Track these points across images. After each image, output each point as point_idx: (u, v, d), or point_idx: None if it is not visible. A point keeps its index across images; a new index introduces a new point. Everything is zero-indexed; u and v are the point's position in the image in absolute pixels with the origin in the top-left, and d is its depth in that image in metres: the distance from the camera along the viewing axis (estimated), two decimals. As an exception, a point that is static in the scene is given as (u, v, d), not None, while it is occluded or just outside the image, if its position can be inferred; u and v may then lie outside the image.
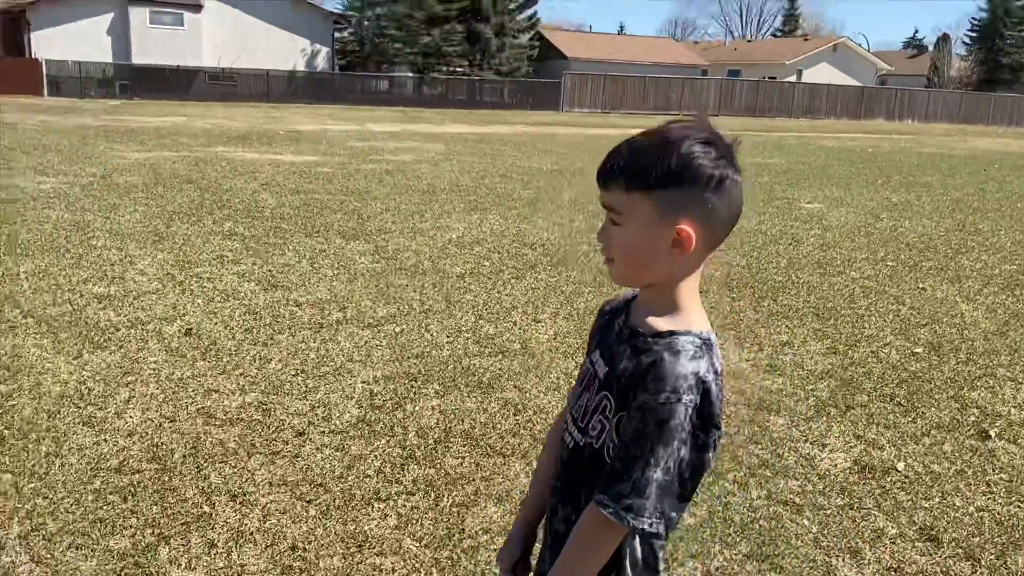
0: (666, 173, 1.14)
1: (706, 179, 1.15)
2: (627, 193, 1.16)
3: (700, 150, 1.15)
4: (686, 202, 1.15)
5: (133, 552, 2.39)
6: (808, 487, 2.92)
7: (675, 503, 1.15)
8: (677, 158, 1.14)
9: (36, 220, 7.37)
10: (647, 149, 1.17)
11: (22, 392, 3.53)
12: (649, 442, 1.12)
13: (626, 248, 1.19)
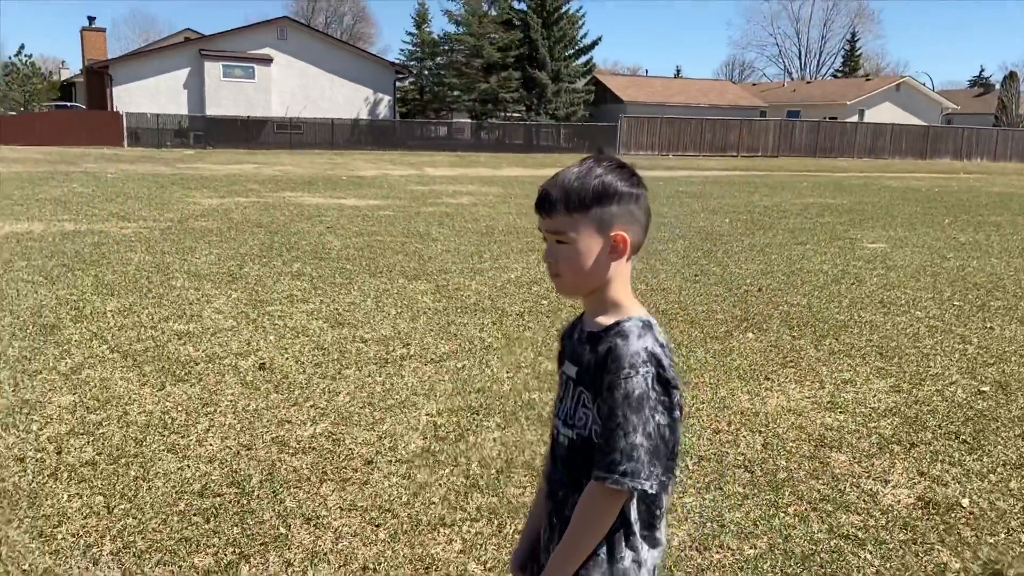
0: (599, 194, 1.38)
1: (627, 195, 1.40)
2: (570, 216, 1.38)
3: (619, 174, 1.41)
4: (616, 215, 1.40)
5: (216, 569, 2.54)
6: (870, 522, 2.92)
7: (664, 464, 1.32)
8: (604, 182, 1.39)
9: (120, 262, 7.79)
10: (578, 178, 1.40)
11: (111, 421, 3.76)
12: (623, 412, 1.30)
13: (574, 260, 1.40)
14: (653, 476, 1.30)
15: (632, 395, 1.30)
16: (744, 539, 2.78)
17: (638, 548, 1.40)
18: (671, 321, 5.99)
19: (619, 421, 1.30)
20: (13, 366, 4.51)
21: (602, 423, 1.34)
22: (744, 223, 12.91)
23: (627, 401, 1.30)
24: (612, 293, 1.42)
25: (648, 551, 1.41)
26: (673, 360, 1.37)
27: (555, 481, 1.50)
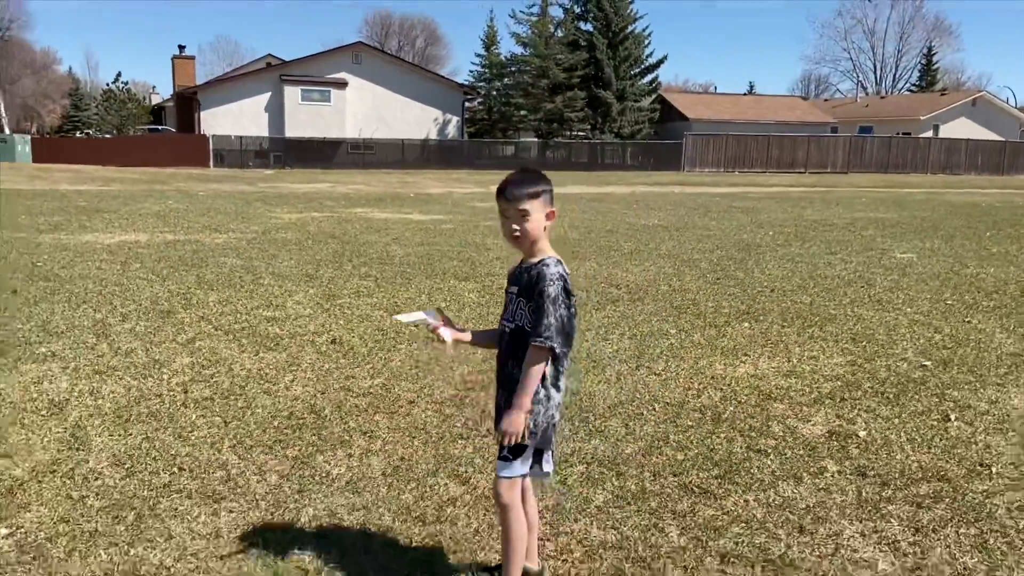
0: (542, 187, 2.40)
1: (550, 189, 2.43)
2: (530, 200, 2.38)
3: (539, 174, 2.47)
4: (549, 199, 2.41)
5: (300, 456, 3.65)
6: (781, 444, 3.85)
7: (564, 339, 2.34)
8: (544, 180, 2.41)
9: (216, 265, 9.14)
10: (532, 178, 2.43)
11: (220, 373, 4.94)
12: (547, 305, 2.31)
13: (533, 226, 2.40)
14: (558, 343, 2.32)
15: (551, 296, 2.31)
16: (680, 450, 3.74)
17: (549, 390, 2.42)
18: (681, 313, 6.93)
19: (545, 310, 2.31)
20: (143, 338, 5.77)
21: (534, 314, 2.35)
22: (785, 235, 13.61)
23: (549, 299, 2.31)
24: (542, 244, 2.43)
25: (556, 393, 2.43)
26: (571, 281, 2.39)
27: (502, 357, 2.53)
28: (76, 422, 4.05)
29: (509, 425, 2.37)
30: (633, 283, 8.48)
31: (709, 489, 3.34)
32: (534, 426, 2.40)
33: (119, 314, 6.51)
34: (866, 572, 2.72)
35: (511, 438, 2.38)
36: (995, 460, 3.70)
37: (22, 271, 8.38)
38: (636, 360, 5.37)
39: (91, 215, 14.66)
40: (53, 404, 4.31)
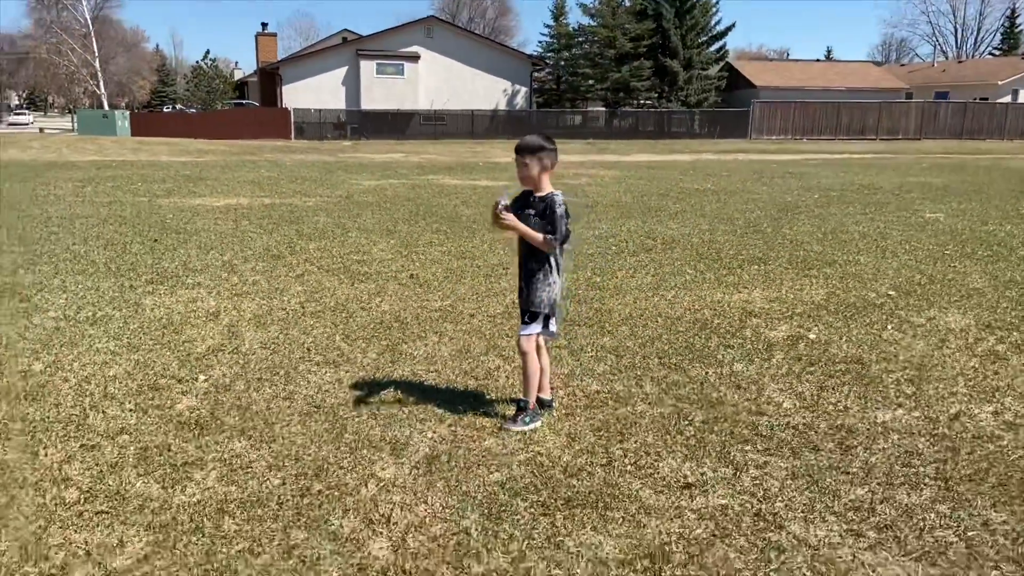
0: (541, 149, 3.65)
1: (547, 149, 3.65)
2: (528, 156, 3.66)
3: (546, 140, 3.68)
4: (547, 156, 3.66)
5: (390, 344, 5.08)
6: (745, 343, 5.09)
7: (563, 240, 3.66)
8: (544, 144, 3.66)
9: (311, 222, 10.72)
10: (535, 141, 3.68)
11: (325, 297, 6.42)
12: (558, 221, 3.62)
13: (528, 174, 3.68)
14: (559, 241, 3.63)
15: (559, 215, 3.62)
16: (667, 344, 5.04)
17: (552, 275, 3.75)
18: (702, 259, 8.14)
19: (556, 223, 3.60)
20: (263, 274, 7.32)
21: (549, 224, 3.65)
22: (828, 198, 14.48)
23: (559, 217, 3.62)
24: (543, 184, 3.72)
25: (558, 278, 3.76)
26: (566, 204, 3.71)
27: (522, 257, 3.86)
28: (228, 324, 5.58)
29: (505, 223, 3.66)
30: (669, 236, 9.68)
31: (681, 366, 4.64)
32: (544, 301, 3.74)
33: (241, 257, 8.10)
34: (771, 408, 3.99)
35: (505, 220, 3.65)
36: (905, 352, 4.89)
37: (156, 226, 10.11)
38: (653, 290, 6.65)
39: (196, 183, 16.53)
40: (209, 314, 5.87)
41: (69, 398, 4.03)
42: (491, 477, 3.19)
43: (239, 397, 4.10)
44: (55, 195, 13.55)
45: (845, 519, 2.88)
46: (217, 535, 2.73)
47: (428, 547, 2.67)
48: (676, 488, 3.12)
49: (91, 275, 7.10)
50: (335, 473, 3.21)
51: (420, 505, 2.95)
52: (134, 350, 4.91)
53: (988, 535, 2.79)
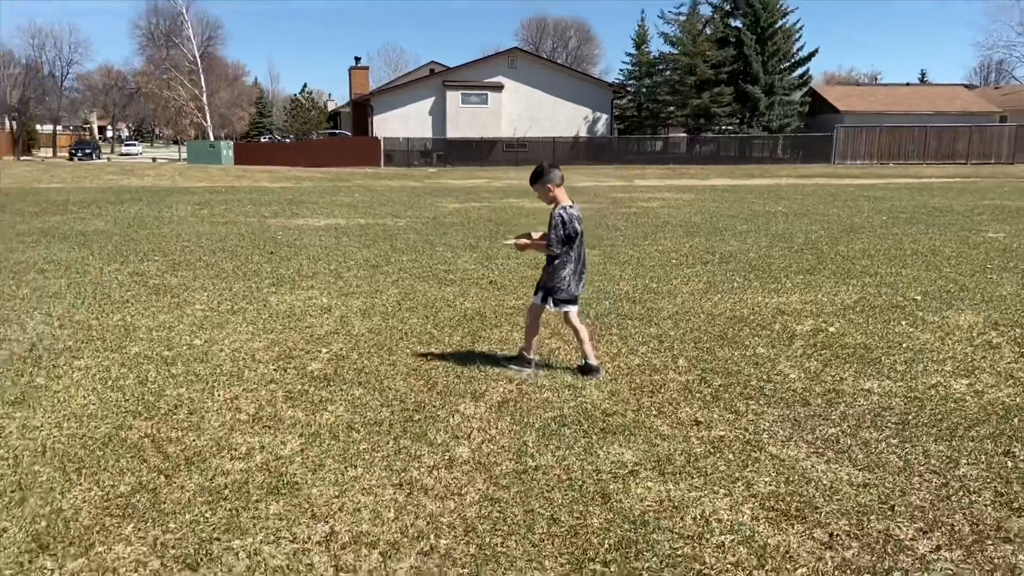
0: (539, 175, 4.77)
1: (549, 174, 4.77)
2: (533, 186, 4.82)
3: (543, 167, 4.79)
4: (545, 179, 4.76)
5: (472, 331, 6.15)
6: (774, 333, 5.94)
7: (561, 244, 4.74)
8: (540, 174, 4.80)
9: (402, 239, 11.99)
10: (535, 174, 4.80)
11: (416, 298, 7.56)
12: (551, 230, 4.71)
13: (546, 193, 4.79)
14: (556, 245, 4.70)
15: (553, 225, 4.70)
16: (704, 333, 5.94)
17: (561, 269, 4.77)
18: (753, 270, 8.96)
19: (551, 231, 4.70)
20: (364, 279, 8.54)
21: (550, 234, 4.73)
22: (896, 220, 14.95)
23: (552, 227, 4.70)
24: (560, 198, 4.77)
25: (564, 270, 4.79)
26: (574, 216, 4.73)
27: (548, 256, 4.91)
28: (340, 316, 6.77)
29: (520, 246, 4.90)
30: (727, 252, 10.51)
31: (711, 349, 5.56)
32: (549, 283, 4.76)
33: (344, 266, 9.37)
34: (779, 377, 4.87)
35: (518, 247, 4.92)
36: (909, 341, 5.67)
37: (269, 241, 11.56)
38: (702, 294, 7.54)
39: (298, 205, 18.18)
40: (323, 308, 7.08)
41: (227, 362, 5.25)
42: (546, 415, 4.20)
43: (354, 363, 5.24)
44: (178, 217, 15.30)
45: (813, 446, 3.77)
46: (348, 440, 3.83)
47: (496, 451, 3.70)
48: (687, 424, 4.06)
49: (224, 279, 8.46)
50: (429, 409, 4.29)
51: (492, 429, 3.99)
52: (268, 332, 6.14)
53: (923, 457, 3.63)
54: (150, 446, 3.74)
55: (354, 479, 3.40)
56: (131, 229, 12.85)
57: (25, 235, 11.88)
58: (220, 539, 2.89)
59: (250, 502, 3.17)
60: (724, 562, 2.77)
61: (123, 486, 3.31)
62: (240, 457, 3.63)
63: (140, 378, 4.84)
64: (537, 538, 2.90)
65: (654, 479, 3.41)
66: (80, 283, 8.03)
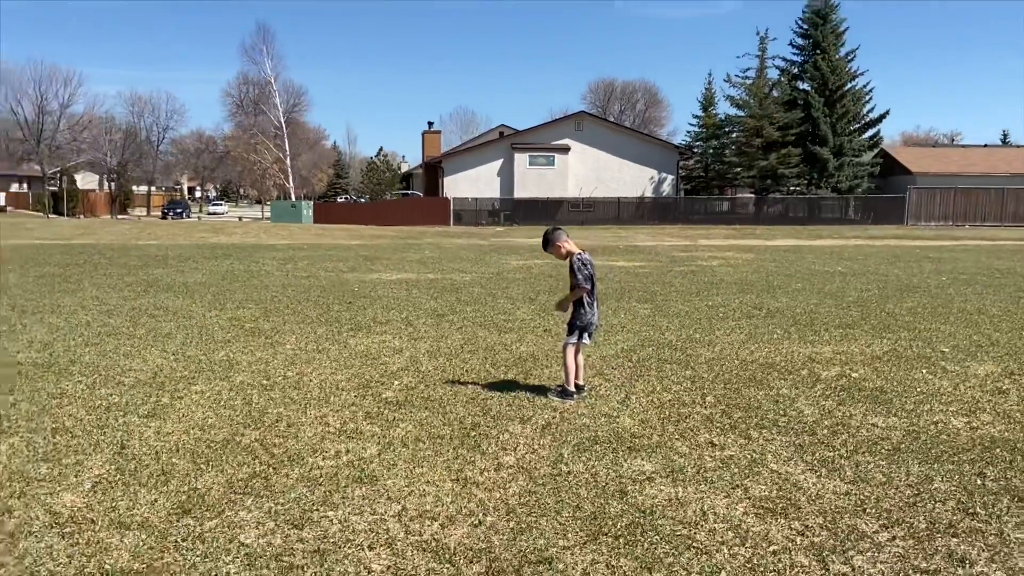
0: (548, 241, 5.80)
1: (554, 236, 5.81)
2: (546, 249, 5.83)
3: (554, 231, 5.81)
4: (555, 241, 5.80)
5: (523, 370, 6.92)
6: (800, 377, 6.53)
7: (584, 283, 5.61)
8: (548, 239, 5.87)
9: (467, 292, 12.92)
10: (544, 241, 5.84)
11: (479, 342, 8.39)
12: (576, 272, 5.60)
13: (560, 251, 5.74)
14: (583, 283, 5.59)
15: (574, 268, 5.60)
16: (735, 376, 6.58)
17: (586, 308, 5.60)
18: (795, 324, 9.52)
19: (575, 273, 5.60)
20: (432, 327, 9.44)
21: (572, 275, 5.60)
22: (954, 281, 15.21)
23: (576, 269, 5.60)
24: (573, 249, 5.71)
25: (589, 310, 5.64)
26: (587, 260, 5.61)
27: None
28: (410, 356, 7.65)
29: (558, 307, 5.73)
30: (774, 307, 11.07)
31: (739, 389, 6.20)
32: (580, 321, 5.54)
33: (414, 315, 10.31)
34: (794, 412, 5.48)
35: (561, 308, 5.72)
36: (924, 386, 6.19)
37: (347, 293, 12.64)
38: (740, 344, 8.17)
39: (372, 261, 19.41)
40: (395, 349, 7.98)
41: (316, 389, 6.16)
42: (582, 435, 4.93)
43: (422, 393, 6.08)
44: (265, 270, 16.64)
45: (810, 465, 4.41)
46: (416, 448, 4.65)
47: (537, 460, 4.45)
48: (703, 445, 4.74)
49: (309, 324, 9.48)
50: (483, 428, 5.07)
51: (535, 444, 4.75)
52: (349, 367, 7.04)
53: (904, 475, 4.23)
54: (259, 448, 4.63)
55: (420, 475, 4.20)
56: (225, 281, 14.16)
57: (134, 285, 13.27)
58: (318, 510, 3.72)
59: (340, 487, 4.00)
60: (713, 540, 3.45)
61: (241, 474, 4.19)
62: (330, 457, 4.47)
63: (246, 400, 5.78)
64: (564, 519, 3.64)
65: (666, 484, 4.10)
66: (187, 326, 9.15)
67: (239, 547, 3.35)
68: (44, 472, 4.23)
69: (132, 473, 4.21)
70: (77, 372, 6.67)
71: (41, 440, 4.77)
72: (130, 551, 3.31)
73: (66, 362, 7.07)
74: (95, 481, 4.10)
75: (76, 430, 4.98)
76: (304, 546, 3.37)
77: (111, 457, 4.47)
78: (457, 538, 3.45)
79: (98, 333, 8.59)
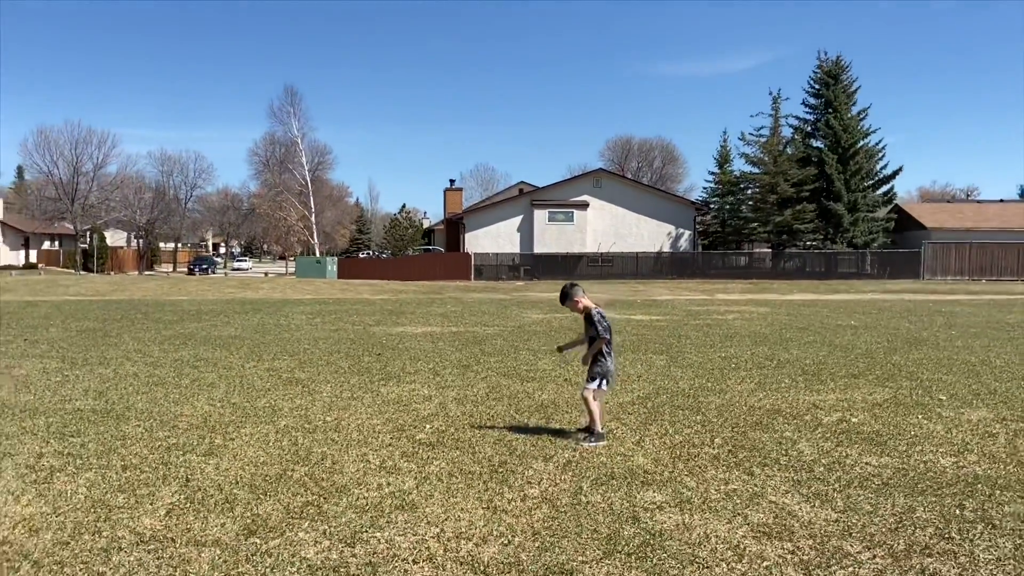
0: (564, 297, 6.39)
1: (571, 292, 6.44)
2: (563, 303, 6.42)
3: (571, 287, 6.42)
4: (571, 297, 6.38)
5: (545, 416, 7.43)
6: (802, 422, 6.98)
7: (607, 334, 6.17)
8: (565, 295, 6.47)
9: (490, 344, 13.48)
10: (561, 296, 6.44)
11: (503, 391, 8.91)
12: (596, 324, 6.17)
13: (572, 308, 6.39)
14: (604, 333, 6.15)
15: (595, 319, 6.19)
16: (742, 420, 7.05)
17: (606, 358, 6.16)
18: (803, 374, 9.98)
19: (596, 325, 6.17)
20: (458, 376, 9.98)
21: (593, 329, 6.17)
22: (963, 334, 15.57)
23: (596, 322, 6.17)
24: (588, 305, 6.32)
25: (609, 359, 6.20)
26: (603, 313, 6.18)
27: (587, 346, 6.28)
28: (439, 403, 8.18)
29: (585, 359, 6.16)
30: (785, 359, 11.53)
31: (745, 431, 6.68)
32: (601, 369, 6.07)
33: (440, 366, 10.87)
34: (795, 453, 5.95)
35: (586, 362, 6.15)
36: (917, 430, 6.63)
37: (376, 345, 13.25)
38: (749, 393, 8.64)
39: (397, 315, 20.06)
40: (424, 397, 8.52)
41: (355, 432, 6.71)
42: (600, 471, 5.43)
43: (452, 435, 6.61)
44: (295, 324, 17.32)
45: (806, 497, 4.88)
46: (450, 482, 5.17)
47: (558, 492, 4.96)
48: (710, 480, 5.22)
49: (342, 374, 10.07)
50: (510, 465, 5.59)
51: (557, 478, 5.25)
52: (383, 413, 7.59)
53: (890, 506, 4.69)
54: (309, 481, 5.18)
55: (455, 503, 4.72)
56: (258, 335, 14.83)
57: (172, 339, 13.96)
58: (367, 532, 4.24)
59: (384, 513, 4.53)
60: (715, 557, 3.93)
61: (296, 502, 4.73)
62: (373, 489, 5.01)
63: (292, 441, 6.34)
64: (583, 539, 4.14)
65: (675, 512, 4.59)
66: (228, 376, 9.76)
67: (301, 560, 3.88)
68: (122, 501, 4.79)
69: (200, 501, 4.76)
70: (133, 417, 7.27)
71: (114, 475, 5.35)
72: (209, 563, 3.84)
73: (122, 408, 7.68)
74: (168, 508, 4.65)
75: (143, 466, 5.56)
76: (357, 560, 3.89)
77: (179, 488, 5.03)
78: (490, 554, 3.95)
79: (146, 383, 9.21)
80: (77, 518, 4.47)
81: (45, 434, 6.52)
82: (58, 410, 7.53)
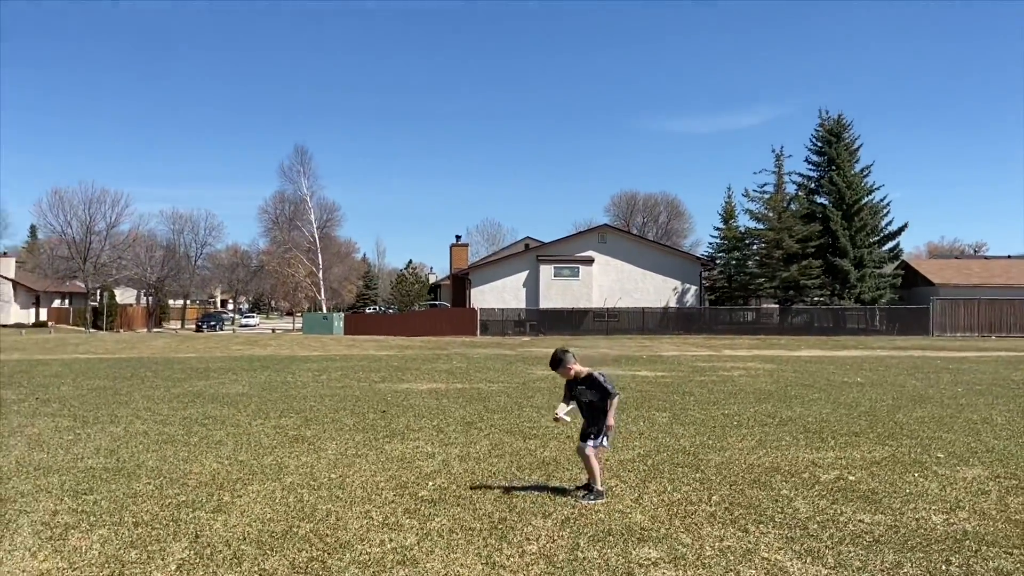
0: (558, 362, 6.55)
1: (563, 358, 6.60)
2: (555, 370, 6.64)
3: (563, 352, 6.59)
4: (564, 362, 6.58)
5: (546, 473, 7.56)
6: (801, 480, 7.09)
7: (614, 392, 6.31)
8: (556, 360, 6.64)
9: (494, 401, 13.62)
10: (553, 362, 6.61)
11: (506, 447, 9.04)
12: (606, 384, 6.34)
13: (565, 374, 6.57)
14: (613, 392, 6.34)
15: (602, 381, 6.36)
16: (741, 478, 7.17)
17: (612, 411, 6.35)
18: (804, 432, 10.07)
19: (606, 387, 6.34)
20: (462, 434, 10.12)
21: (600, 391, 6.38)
22: (969, 392, 15.61)
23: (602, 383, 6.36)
24: (582, 371, 6.53)
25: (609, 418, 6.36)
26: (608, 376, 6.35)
27: (587, 413, 6.46)
28: (442, 460, 8.32)
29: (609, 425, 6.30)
30: (787, 416, 11.63)
31: (742, 489, 6.79)
32: (600, 429, 6.23)
33: (445, 423, 11.01)
34: (790, 509, 6.06)
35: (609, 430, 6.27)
36: (912, 488, 6.73)
37: (380, 402, 13.40)
38: (751, 450, 8.75)
39: (402, 372, 20.22)
40: (427, 455, 8.66)
41: (358, 489, 6.85)
42: (598, 527, 5.56)
43: (454, 492, 6.75)
44: (301, 381, 17.50)
45: (798, 553, 5.00)
46: (450, 538, 5.31)
47: (556, 548, 5.09)
48: (705, 537, 5.35)
49: (347, 431, 10.22)
50: (510, 522, 5.72)
51: (555, 535, 5.39)
52: (387, 470, 7.74)
53: (879, 562, 4.80)
54: (314, 537, 5.33)
55: (455, 559, 4.86)
56: (265, 392, 15.01)
57: (180, 396, 14.15)
58: (369, 586, 4.38)
59: (386, 568, 4.68)
60: (704, 613, 4.05)
61: (301, 558, 4.88)
62: (376, 545, 5.15)
63: (297, 498, 6.49)
64: (578, 594, 4.27)
65: (669, 568, 4.72)
66: (235, 434, 9.93)
67: (306, 614, 4.02)
68: (135, 556, 4.95)
69: (209, 557, 4.92)
70: (144, 475, 7.44)
71: (126, 531, 5.51)
72: (216, 617, 3.99)
73: (132, 466, 7.85)
74: (179, 563, 4.81)
75: (154, 523, 5.72)
76: (359, 614, 4.03)
77: (189, 544, 5.19)
78: (487, 608, 4.09)
79: (156, 441, 9.39)
80: (92, 573, 4.63)
81: (59, 492, 6.70)
82: (71, 468, 7.71)
